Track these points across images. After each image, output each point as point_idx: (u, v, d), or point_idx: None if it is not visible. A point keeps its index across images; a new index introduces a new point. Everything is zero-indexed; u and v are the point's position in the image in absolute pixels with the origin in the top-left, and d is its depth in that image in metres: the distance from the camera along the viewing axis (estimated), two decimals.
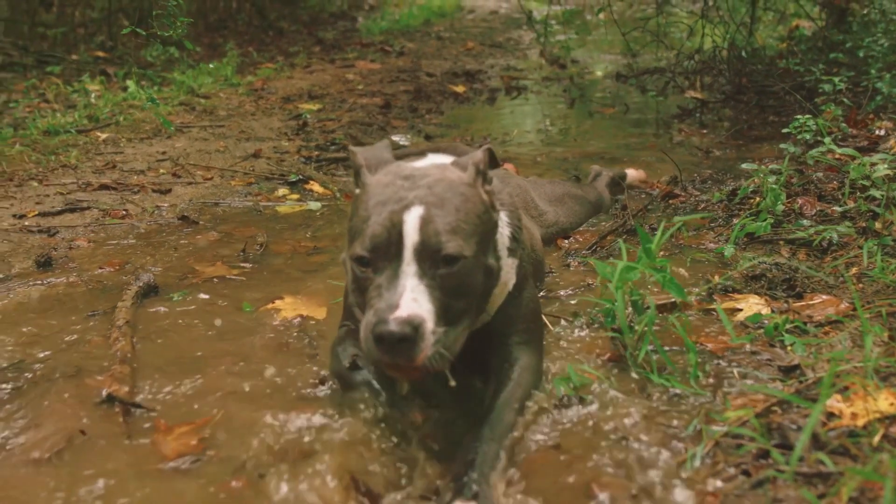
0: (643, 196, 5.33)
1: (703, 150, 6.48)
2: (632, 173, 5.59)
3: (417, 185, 2.58)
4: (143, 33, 5.13)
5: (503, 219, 2.95)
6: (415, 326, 2.32)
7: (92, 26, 12.34)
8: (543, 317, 3.40)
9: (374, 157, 2.81)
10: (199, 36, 12.65)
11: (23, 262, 4.41)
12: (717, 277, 3.84)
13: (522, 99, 9.30)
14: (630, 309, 3.24)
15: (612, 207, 5.16)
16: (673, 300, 3.45)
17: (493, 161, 2.76)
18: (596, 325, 3.40)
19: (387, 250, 2.47)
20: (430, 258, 2.45)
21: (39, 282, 4.14)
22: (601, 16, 10.10)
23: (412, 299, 2.37)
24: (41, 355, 3.31)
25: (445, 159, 2.93)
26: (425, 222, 2.47)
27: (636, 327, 3.18)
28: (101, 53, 10.94)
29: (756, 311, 3.44)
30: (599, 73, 10.53)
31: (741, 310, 3.51)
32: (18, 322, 3.66)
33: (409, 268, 2.44)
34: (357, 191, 2.78)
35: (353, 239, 2.58)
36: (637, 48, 10.25)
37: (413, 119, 8.15)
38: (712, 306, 3.54)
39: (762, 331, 3.27)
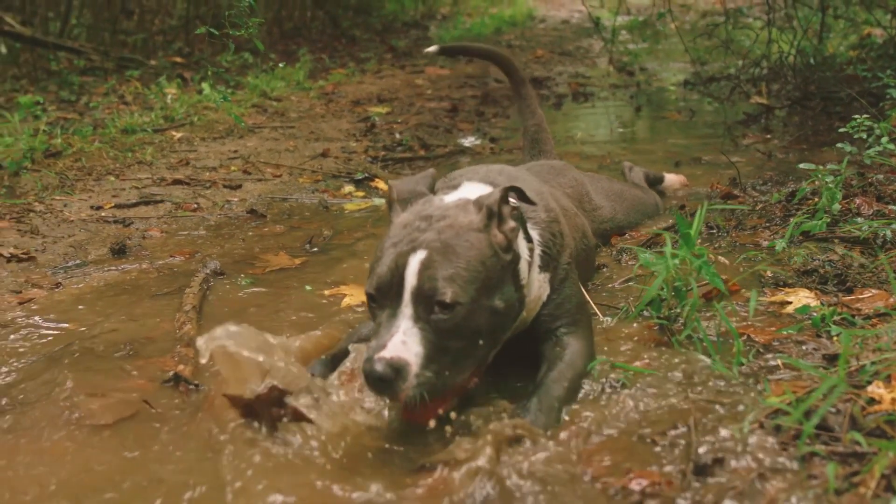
0: (703, 197, 5.38)
1: (766, 154, 6.49)
2: (671, 178, 5.62)
3: (431, 227, 2.73)
4: (216, 33, 5.31)
5: (535, 238, 3.05)
6: (396, 369, 2.49)
7: (170, 34, 12.68)
8: (593, 305, 3.51)
9: (409, 190, 3.01)
10: (275, 43, 12.92)
11: (99, 249, 4.62)
12: (768, 272, 3.89)
13: (589, 105, 9.37)
14: (673, 295, 3.32)
15: (670, 208, 5.21)
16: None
17: (522, 198, 2.88)
18: (644, 314, 3.48)
19: (389, 291, 2.64)
20: (426, 303, 2.59)
21: (114, 268, 4.35)
22: (672, 26, 10.12)
23: (401, 342, 2.54)
24: (111, 334, 3.48)
25: (479, 189, 3.06)
26: (424, 267, 2.61)
27: (680, 312, 3.26)
28: (178, 59, 11.25)
29: (805, 304, 3.49)
30: (667, 81, 10.55)
31: (791, 302, 3.56)
32: (93, 303, 3.86)
33: (406, 310, 2.60)
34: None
35: (370, 275, 2.75)
36: (706, 56, 10.27)
37: (479, 122, 8.27)
38: (762, 298, 3.60)
39: (810, 322, 3.32)
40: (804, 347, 3.14)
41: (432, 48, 5.53)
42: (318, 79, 10.27)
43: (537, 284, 3.08)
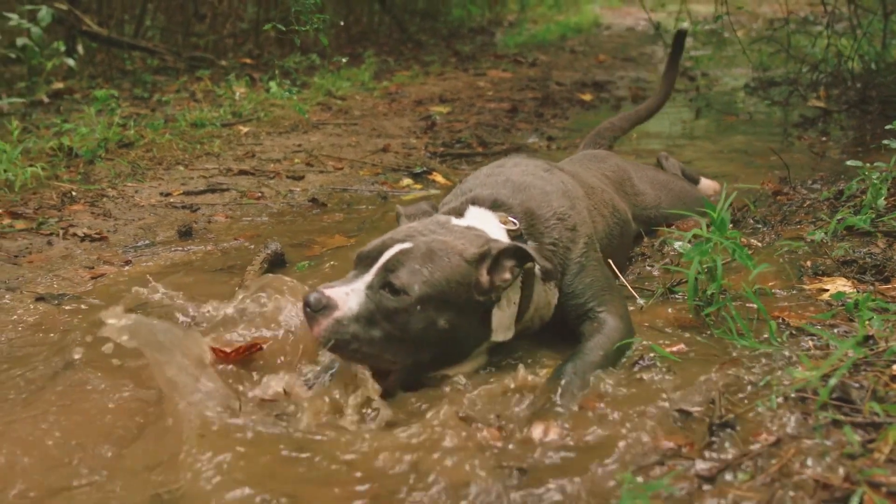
0: (751, 194, 5.47)
1: (820, 155, 6.56)
2: (706, 183, 5.67)
3: (429, 234, 3.02)
4: (283, 28, 5.54)
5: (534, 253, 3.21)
6: (325, 305, 2.78)
7: (241, 37, 12.97)
8: (630, 288, 3.69)
9: (415, 211, 3.42)
10: (342, 47, 13.15)
11: (167, 231, 4.87)
12: (808, 262, 4.00)
13: None
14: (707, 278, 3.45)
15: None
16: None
17: (522, 258, 3.05)
18: (678, 297, 3.62)
19: (367, 260, 2.97)
20: (383, 281, 2.86)
21: (180, 248, 4.59)
22: (734, 30, 10.16)
23: (345, 292, 2.84)
24: (173, 306, 3.67)
25: (483, 218, 3.28)
26: (400, 254, 2.91)
27: (711, 293, 3.40)
28: (247, 60, 11.52)
29: (840, 291, 3.60)
30: (728, 86, 10.60)
31: (827, 290, 3.67)
32: (158, 277, 4.09)
33: (367, 277, 2.90)
34: None
35: None
36: (768, 62, 10.31)
37: (538, 123, 8.42)
38: (800, 285, 3.72)
39: (843, 307, 3.43)
40: (836, 330, 3.25)
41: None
42: (382, 80, 10.49)
43: (543, 294, 3.31)
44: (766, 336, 3.17)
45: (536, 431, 2.65)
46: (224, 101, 8.47)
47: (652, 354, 3.15)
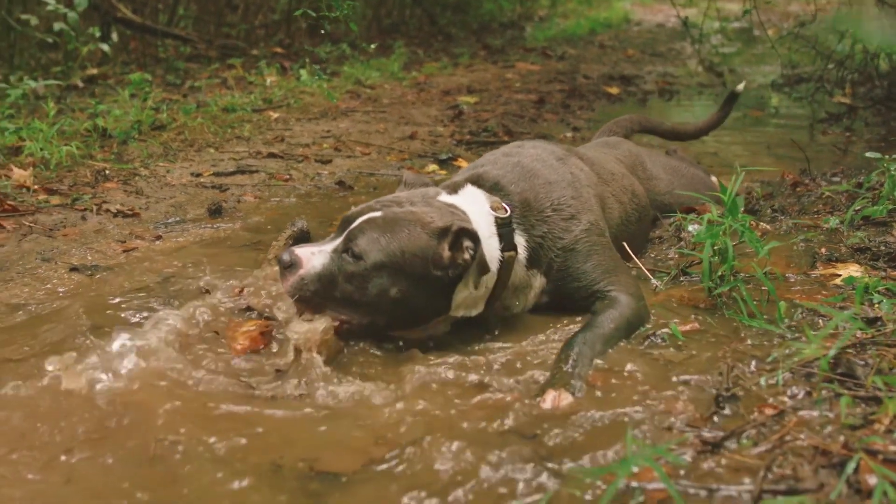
0: (770, 184, 5.54)
1: (843, 150, 6.61)
2: (715, 181, 5.72)
3: (403, 205, 3.20)
4: (314, 14, 5.65)
5: (521, 243, 3.39)
6: (291, 262, 3.06)
7: (272, 27, 13.11)
8: (645, 270, 3.78)
9: (416, 180, 3.53)
10: (372, 38, 13.25)
11: (197, 209, 5.00)
12: (823, 249, 4.07)
13: (675, 101, 9.53)
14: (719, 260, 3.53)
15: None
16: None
17: (462, 237, 3.11)
18: (694, 278, 3.71)
19: (343, 225, 3.18)
20: (346, 245, 3.08)
21: (209, 226, 4.71)
22: (770, 32, 10.19)
23: (311, 252, 3.09)
24: (202, 275, 3.81)
25: (474, 199, 3.39)
26: (367, 222, 3.10)
27: (722, 273, 3.49)
28: (278, 49, 11.65)
29: (851, 275, 3.67)
30: (755, 82, 10.63)
31: (840, 275, 3.74)
32: (189, 252, 4.23)
33: (336, 241, 3.13)
34: None
35: None
36: (796, 59, 10.33)
37: (564, 114, 8.51)
38: (814, 272, 3.80)
39: (853, 291, 3.50)
40: (846, 312, 3.33)
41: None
42: (411, 70, 10.61)
43: (525, 278, 3.46)
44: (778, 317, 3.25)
45: (548, 399, 2.75)
46: (255, 88, 8.62)
47: (664, 330, 3.25)
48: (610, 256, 3.57)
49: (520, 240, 3.39)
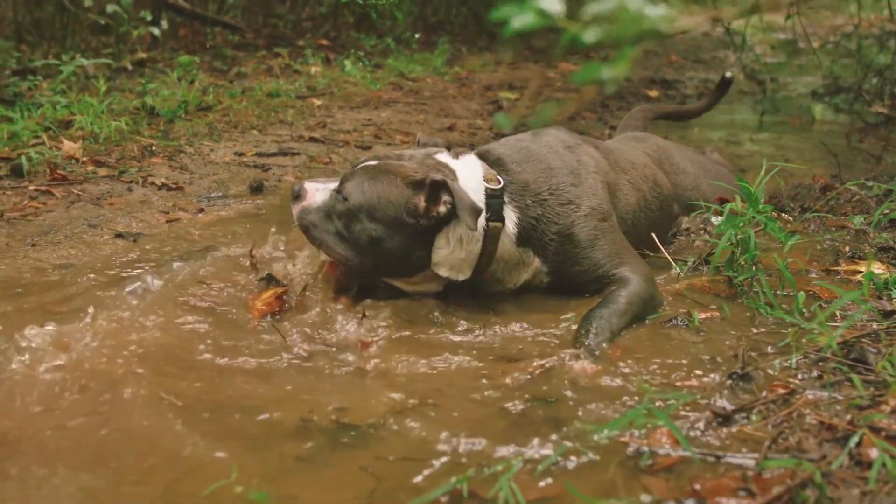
0: (804, 188, 5.60)
1: (877, 158, 6.65)
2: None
3: (400, 160, 3.49)
4: (360, 3, 5.79)
5: (511, 217, 3.51)
6: (298, 193, 3.49)
7: (319, 20, 13.27)
8: (669, 256, 3.87)
9: (428, 141, 3.81)
10: (418, 34, 13.42)
11: (239, 186, 5.15)
12: (847, 248, 4.15)
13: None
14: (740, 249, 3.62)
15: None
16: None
17: (438, 189, 3.30)
18: (718, 267, 3.79)
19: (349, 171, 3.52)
20: (339, 186, 3.42)
21: (250, 202, 4.87)
22: (815, 45, 10.21)
23: (317, 188, 3.47)
24: (237, 245, 3.99)
25: (471, 166, 3.54)
26: (361, 169, 3.44)
27: (742, 261, 3.57)
28: (324, 41, 11.81)
29: (872, 272, 3.75)
30: (795, 92, 10.66)
31: (861, 272, 3.82)
32: (228, 224, 4.38)
33: (336, 183, 3.47)
34: None
35: None
36: (839, 71, 10.34)
37: (602, 113, 8.59)
38: (836, 268, 3.88)
39: (874, 286, 3.58)
40: (854, 292, 3.41)
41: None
42: (454, 65, 10.73)
43: (515, 254, 3.56)
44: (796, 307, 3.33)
45: (572, 368, 2.88)
46: (299, 76, 8.79)
47: (683, 310, 3.35)
48: (615, 241, 3.64)
49: (510, 215, 3.50)
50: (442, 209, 3.29)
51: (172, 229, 4.31)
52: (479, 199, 3.39)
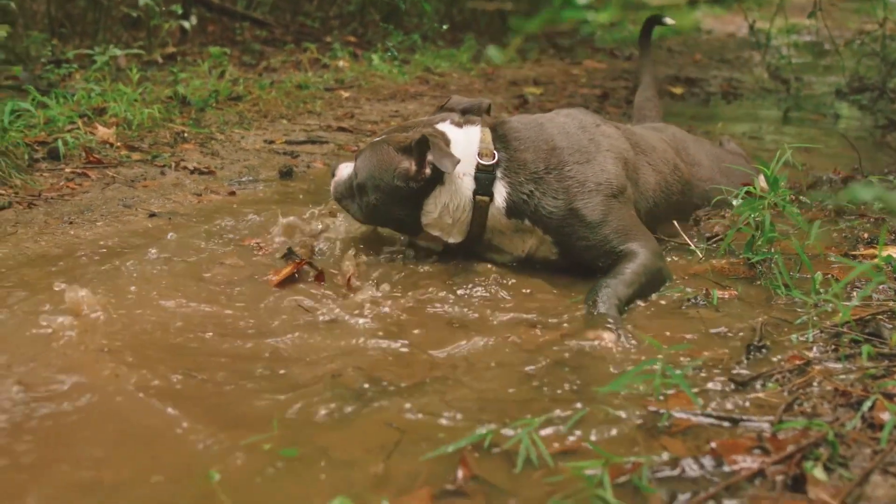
0: (825, 181, 5.66)
1: None
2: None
3: (412, 128, 3.71)
4: None
5: (502, 192, 3.61)
6: (333, 172, 3.97)
7: (346, 17, 13.39)
8: (688, 240, 3.94)
9: (458, 102, 3.99)
10: (444, 33, 13.51)
11: (269, 172, 5.27)
12: (866, 234, 4.21)
13: (736, 104, 9.61)
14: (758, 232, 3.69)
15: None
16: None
17: (423, 146, 3.50)
18: (736, 249, 3.86)
19: None
20: (355, 165, 3.80)
21: (279, 186, 4.98)
22: (840, 44, 10.22)
23: (345, 166, 3.91)
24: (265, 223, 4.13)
25: (476, 135, 3.67)
26: (368, 146, 3.77)
27: (760, 244, 3.65)
28: (351, 38, 11.93)
29: (889, 255, 3.81)
30: (819, 91, 10.69)
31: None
32: (259, 205, 4.49)
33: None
34: None
35: None
36: (864, 70, 10.36)
37: (627, 108, 8.63)
38: (855, 252, 3.94)
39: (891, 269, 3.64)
40: (880, 287, 3.48)
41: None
42: (479, 62, 10.83)
43: (508, 224, 3.68)
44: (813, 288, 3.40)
45: (585, 337, 2.98)
46: (327, 70, 8.90)
47: (701, 295, 3.42)
48: (623, 217, 3.68)
49: (500, 190, 3.60)
50: (428, 170, 3.50)
51: (205, 209, 4.42)
52: (467, 172, 3.56)
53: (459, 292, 3.40)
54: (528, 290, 3.48)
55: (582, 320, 3.15)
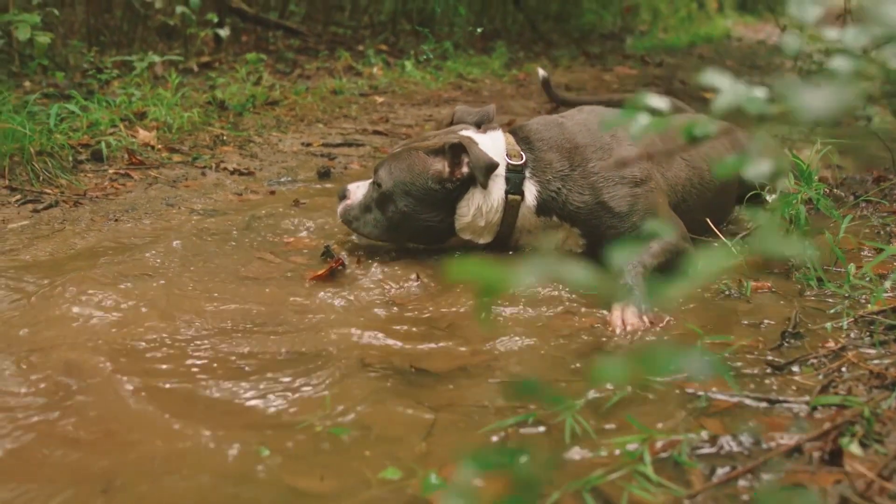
0: (856, 181, 5.68)
1: None
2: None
3: (432, 137, 3.77)
4: None
5: (532, 191, 3.69)
6: (342, 195, 3.88)
7: (378, 27, 13.51)
8: (721, 235, 3.95)
9: (465, 112, 4.09)
10: (475, 41, 13.61)
11: (307, 173, 5.37)
12: None
13: None
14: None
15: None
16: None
17: (457, 151, 3.58)
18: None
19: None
20: (374, 178, 3.79)
21: (318, 185, 5.07)
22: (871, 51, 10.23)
23: (356, 187, 3.87)
24: (308, 222, 4.21)
25: (499, 140, 3.75)
26: (389, 157, 3.78)
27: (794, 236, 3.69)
28: (383, 47, 12.05)
29: None
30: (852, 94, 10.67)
31: None
32: (294, 201, 4.58)
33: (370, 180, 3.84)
34: None
35: None
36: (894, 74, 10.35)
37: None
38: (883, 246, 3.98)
39: None
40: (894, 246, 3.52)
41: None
42: (511, 69, 10.91)
43: (538, 222, 3.76)
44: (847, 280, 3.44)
45: (615, 315, 3.08)
46: (361, 77, 9.02)
47: (734, 288, 3.47)
48: (650, 204, 3.73)
49: (531, 188, 3.68)
50: (465, 170, 3.57)
51: (246, 207, 4.52)
52: (499, 173, 3.63)
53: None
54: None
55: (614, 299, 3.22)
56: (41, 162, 4.75)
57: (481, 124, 3.93)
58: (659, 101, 3.59)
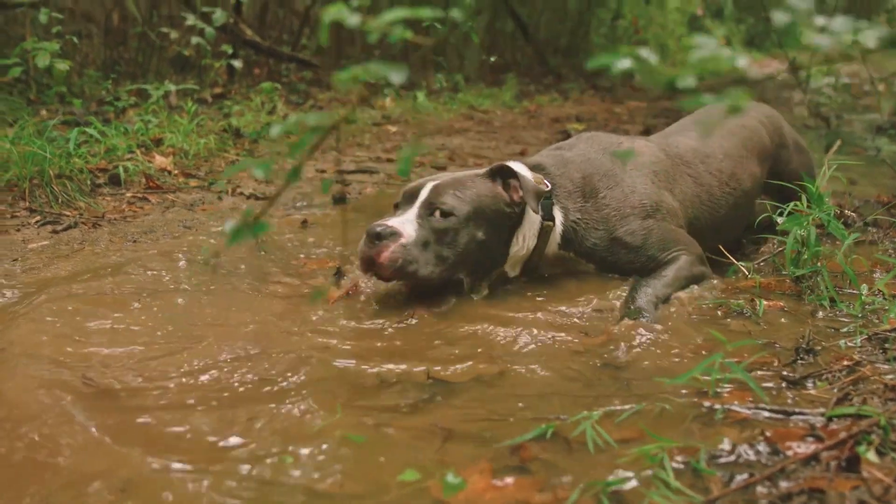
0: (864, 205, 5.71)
1: None
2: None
3: (454, 172, 3.79)
4: (439, 26, 6.04)
5: (558, 218, 3.66)
6: (389, 232, 3.27)
7: (389, 59, 13.59)
8: (733, 260, 3.95)
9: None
10: (484, 75, 13.73)
11: (322, 198, 5.43)
12: None
13: None
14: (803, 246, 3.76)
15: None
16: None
17: (504, 173, 3.54)
18: (782, 271, 3.93)
19: (408, 199, 3.49)
20: (430, 208, 3.38)
21: (332, 211, 5.11)
22: (881, 87, 10.31)
23: (401, 222, 3.33)
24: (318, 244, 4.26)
25: (521, 169, 3.68)
26: (438, 186, 3.44)
27: (805, 257, 3.71)
28: None
29: None
30: (861, 127, 10.73)
31: None
32: (315, 228, 4.63)
33: (415, 209, 3.40)
34: None
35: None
36: None
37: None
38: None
39: None
40: None
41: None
42: (522, 100, 11.01)
43: (559, 255, 3.73)
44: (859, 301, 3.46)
45: (627, 333, 3.11)
46: (373, 109, 9.11)
47: (750, 299, 3.49)
48: (664, 232, 3.73)
49: (558, 215, 3.67)
50: (520, 192, 3.49)
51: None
52: None
53: (508, 300, 3.53)
54: (570, 294, 3.59)
55: (620, 312, 3.30)
56: (60, 185, 4.82)
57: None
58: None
